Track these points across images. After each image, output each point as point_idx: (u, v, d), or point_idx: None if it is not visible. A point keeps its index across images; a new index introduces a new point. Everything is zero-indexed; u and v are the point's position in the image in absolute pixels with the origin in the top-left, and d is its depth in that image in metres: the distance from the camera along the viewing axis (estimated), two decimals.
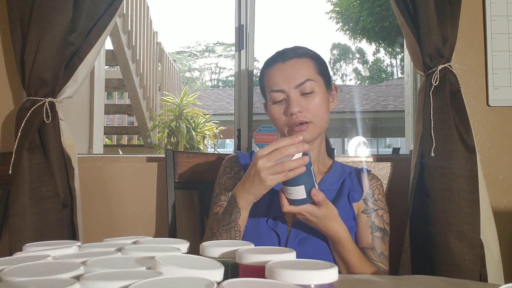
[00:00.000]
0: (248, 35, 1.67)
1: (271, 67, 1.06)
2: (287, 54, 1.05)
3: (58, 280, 0.42)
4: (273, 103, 1.05)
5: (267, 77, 1.06)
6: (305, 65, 1.04)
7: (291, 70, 1.02)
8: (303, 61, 1.04)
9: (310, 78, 1.02)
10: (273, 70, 1.05)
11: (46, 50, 1.32)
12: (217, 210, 1.07)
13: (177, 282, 0.42)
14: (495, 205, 1.47)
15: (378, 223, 1.04)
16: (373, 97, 10.12)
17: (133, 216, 1.55)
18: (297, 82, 1.01)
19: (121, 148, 5.32)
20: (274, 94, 1.03)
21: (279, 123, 1.05)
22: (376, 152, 8.81)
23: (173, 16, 43.16)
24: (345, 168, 1.13)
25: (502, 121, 1.53)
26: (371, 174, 1.11)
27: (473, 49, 1.54)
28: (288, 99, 1.02)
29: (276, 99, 1.03)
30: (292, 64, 1.03)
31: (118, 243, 0.63)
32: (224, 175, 1.12)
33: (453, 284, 0.76)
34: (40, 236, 1.26)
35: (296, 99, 1.01)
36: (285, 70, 1.03)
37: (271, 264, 0.47)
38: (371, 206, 1.05)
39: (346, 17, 12.84)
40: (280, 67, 1.04)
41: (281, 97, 1.03)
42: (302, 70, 1.03)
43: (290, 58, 1.04)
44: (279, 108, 1.04)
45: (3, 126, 1.54)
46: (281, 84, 1.02)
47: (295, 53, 1.05)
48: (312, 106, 1.02)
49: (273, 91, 1.03)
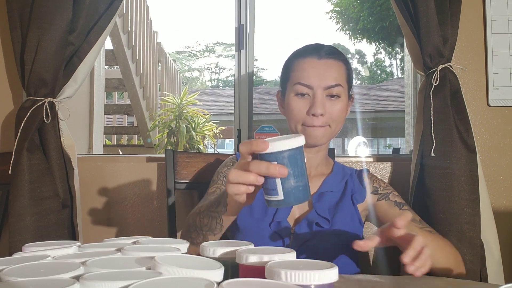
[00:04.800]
0: (248, 35, 1.67)
1: (304, 59, 1.01)
2: (323, 52, 1.01)
3: (58, 280, 0.42)
4: (295, 94, 1.00)
5: (297, 67, 1.01)
6: (338, 68, 1.01)
7: (325, 70, 0.99)
8: (338, 64, 1.01)
9: (340, 84, 1.00)
10: (305, 63, 1.00)
11: (46, 50, 1.32)
12: (213, 190, 1.04)
13: (177, 282, 0.41)
14: (495, 205, 1.47)
15: (400, 200, 1.05)
16: (373, 97, 10.12)
17: (132, 216, 1.55)
18: (328, 84, 0.98)
19: (121, 148, 5.32)
20: (300, 87, 0.99)
21: (295, 117, 1.00)
22: (376, 152, 8.81)
23: (173, 16, 43.16)
24: (346, 170, 1.12)
25: (502, 121, 1.53)
26: (371, 174, 1.12)
27: (473, 49, 1.54)
28: (313, 98, 0.98)
29: (301, 91, 0.99)
30: (327, 63, 1.00)
31: (118, 243, 0.63)
32: (226, 167, 1.10)
33: (453, 284, 0.75)
34: (40, 236, 1.26)
35: (322, 100, 0.98)
36: (319, 67, 0.99)
37: (271, 264, 0.47)
38: (383, 192, 1.06)
39: (346, 17, 12.84)
40: (314, 62, 1.00)
41: (306, 92, 0.99)
42: (335, 73, 1.00)
43: (326, 57, 1.01)
44: (302, 102, 0.99)
45: (3, 126, 1.54)
46: (311, 80, 0.98)
47: (331, 53, 1.02)
48: (334, 111, 0.99)
49: (301, 84, 0.99)
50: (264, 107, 9.22)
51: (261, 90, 11.56)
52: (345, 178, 1.08)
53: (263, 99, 9.65)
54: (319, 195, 1.03)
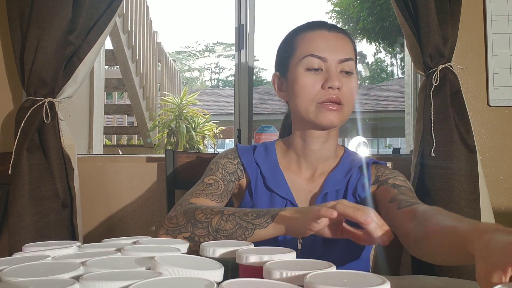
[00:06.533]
0: (248, 35, 1.67)
1: (312, 31, 0.93)
2: (331, 25, 0.94)
3: (58, 280, 0.42)
4: (306, 69, 0.91)
5: (304, 41, 0.93)
6: (349, 43, 0.94)
7: (337, 42, 0.92)
8: (347, 39, 0.94)
9: (352, 58, 0.92)
10: (315, 35, 0.92)
11: (45, 50, 1.32)
12: (210, 182, 0.94)
13: (177, 282, 0.41)
14: (495, 205, 1.47)
15: (400, 182, 0.93)
16: (373, 97, 10.12)
17: (133, 216, 1.55)
18: (342, 57, 0.90)
19: (121, 148, 5.32)
20: (313, 59, 0.90)
21: (309, 94, 0.90)
22: (376, 152, 8.81)
23: (173, 16, 43.19)
24: (355, 162, 0.98)
25: (502, 121, 1.53)
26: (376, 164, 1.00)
27: (473, 49, 1.54)
28: (328, 71, 0.89)
29: (313, 65, 0.90)
30: (338, 36, 0.93)
31: (117, 243, 0.63)
32: (226, 158, 1.00)
33: (453, 284, 0.75)
34: (40, 237, 1.26)
35: (337, 74, 0.90)
36: (330, 39, 0.91)
37: (269, 265, 0.47)
38: (383, 178, 0.95)
39: (346, 17, 12.84)
40: (325, 34, 0.92)
41: (318, 66, 0.90)
42: (348, 46, 0.93)
43: (335, 30, 0.93)
44: (315, 77, 0.90)
45: (3, 126, 1.54)
46: (325, 52, 0.90)
47: (339, 28, 0.95)
48: (349, 88, 0.91)
49: (314, 56, 0.90)
50: (264, 107, 9.22)
51: (261, 90, 11.56)
52: (351, 172, 0.97)
53: (263, 99, 9.65)
54: (323, 197, 0.95)
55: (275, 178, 0.96)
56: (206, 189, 0.92)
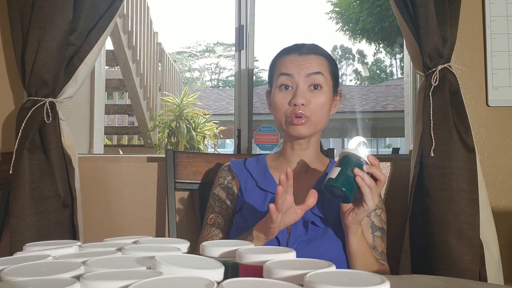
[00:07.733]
0: (248, 35, 1.67)
1: (286, 56, 1.07)
2: (305, 49, 1.06)
3: (59, 280, 0.42)
4: (278, 87, 1.05)
5: (280, 62, 1.07)
6: (320, 60, 1.05)
7: (306, 61, 1.04)
8: (319, 58, 1.06)
9: (321, 72, 1.03)
10: (287, 58, 1.06)
11: (46, 50, 1.32)
12: (211, 222, 1.09)
13: (177, 282, 0.42)
14: (494, 205, 1.47)
15: (377, 222, 1.04)
16: (373, 97, 10.11)
17: (133, 216, 1.55)
18: (308, 72, 1.02)
19: (122, 148, 5.32)
20: (283, 77, 1.04)
21: (279, 110, 1.04)
22: (376, 152, 8.80)
23: (173, 16, 43.15)
24: None
25: (501, 121, 1.53)
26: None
27: (472, 49, 1.54)
28: (295, 89, 1.02)
29: (284, 83, 1.04)
30: (308, 57, 1.05)
31: (118, 243, 0.64)
32: (218, 186, 1.14)
33: (453, 284, 0.76)
34: (41, 236, 1.26)
35: (303, 91, 1.02)
36: (299, 60, 1.04)
37: (269, 264, 0.47)
38: None
39: (346, 17, 12.82)
40: (295, 58, 1.05)
41: (289, 83, 1.03)
42: (315, 63, 1.04)
43: (307, 53, 1.05)
44: (284, 95, 1.04)
45: (4, 126, 1.54)
46: (292, 69, 1.03)
47: (312, 49, 1.07)
48: (315, 103, 1.02)
49: (283, 74, 1.04)
50: (264, 107, 9.15)
51: (261, 90, 11.51)
52: None
53: (263, 99, 9.57)
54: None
55: (266, 178, 1.08)
56: (211, 232, 1.07)
